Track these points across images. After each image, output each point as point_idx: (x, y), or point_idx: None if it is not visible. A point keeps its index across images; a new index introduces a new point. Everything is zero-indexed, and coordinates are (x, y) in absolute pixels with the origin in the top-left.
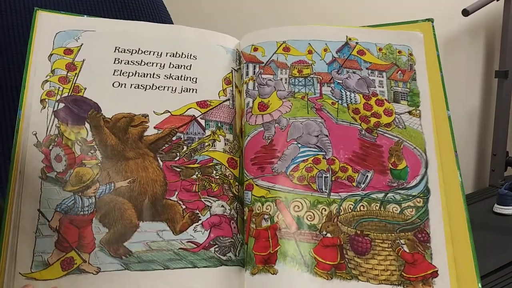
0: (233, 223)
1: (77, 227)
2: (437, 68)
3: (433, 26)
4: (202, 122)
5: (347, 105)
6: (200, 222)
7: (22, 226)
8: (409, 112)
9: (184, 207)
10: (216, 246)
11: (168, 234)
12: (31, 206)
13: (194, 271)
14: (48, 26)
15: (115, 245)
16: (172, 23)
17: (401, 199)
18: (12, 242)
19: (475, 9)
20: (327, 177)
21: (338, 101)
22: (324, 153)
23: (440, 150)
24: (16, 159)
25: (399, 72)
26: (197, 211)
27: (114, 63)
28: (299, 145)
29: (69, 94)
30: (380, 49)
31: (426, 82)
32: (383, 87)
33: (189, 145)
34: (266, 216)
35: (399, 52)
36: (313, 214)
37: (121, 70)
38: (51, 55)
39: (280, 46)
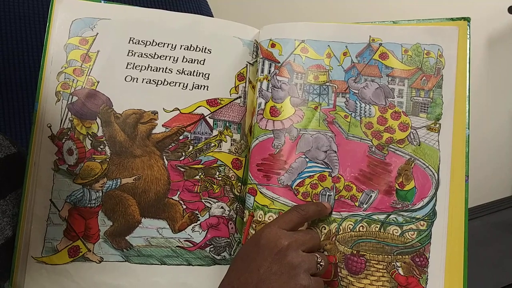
0: (231, 223)
1: (84, 218)
2: (465, 77)
3: (469, 26)
4: (210, 121)
5: (360, 118)
6: (198, 222)
7: (36, 214)
8: (427, 127)
9: (184, 207)
10: (212, 246)
11: (167, 232)
12: (44, 195)
13: (189, 268)
14: (65, 12)
15: (117, 238)
16: (212, 16)
17: (404, 221)
18: (27, 228)
19: None
20: (331, 195)
21: (351, 113)
22: (330, 170)
23: (453, 171)
24: (32, 150)
25: (423, 78)
26: (197, 212)
27: (128, 55)
28: (307, 160)
29: (83, 87)
30: (405, 51)
31: (453, 90)
32: (402, 97)
33: (195, 145)
34: None
35: (427, 53)
36: None
37: (134, 64)
38: (66, 44)
39: (298, 45)
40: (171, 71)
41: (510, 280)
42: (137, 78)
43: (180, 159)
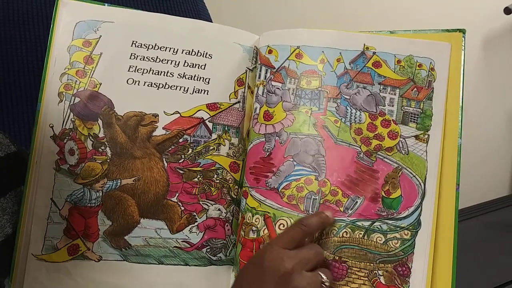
0: (227, 225)
1: (84, 218)
2: (458, 88)
3: (463, 38)
4: (210, 125)
5: (350, 124)
6: (196, 223)
7: (36, 212)
8: (416, 137)
9: (183, 208)
10: (208, 247)
11: (165, 232)
12: (45, 194)
13: (185, 268)
14: (69, 15)
15: (116, 237)
16: (211, 21)
17: (388, 229)
18: (27, 226)
19: None
20: (316, 199)
21: (341, 119)
22: (317, 174)
23: (442, 181)
24: (34, 150)
25: (415, 89)
26: (195, 213)
27: (130, 58)
28: (295, 163)
29: (85, 88)
30: (398, 61)
31: (443, 103)
32: (393, 105)
33: (194, 148)
34: (254, 228)
35: (419, 65)
36: None
37: (136, 67)
38: (70, 46)
39: (293, 51)
40: (173, 75)
41: (505, 279)
42: (139, 81)
43: (179, 161)
